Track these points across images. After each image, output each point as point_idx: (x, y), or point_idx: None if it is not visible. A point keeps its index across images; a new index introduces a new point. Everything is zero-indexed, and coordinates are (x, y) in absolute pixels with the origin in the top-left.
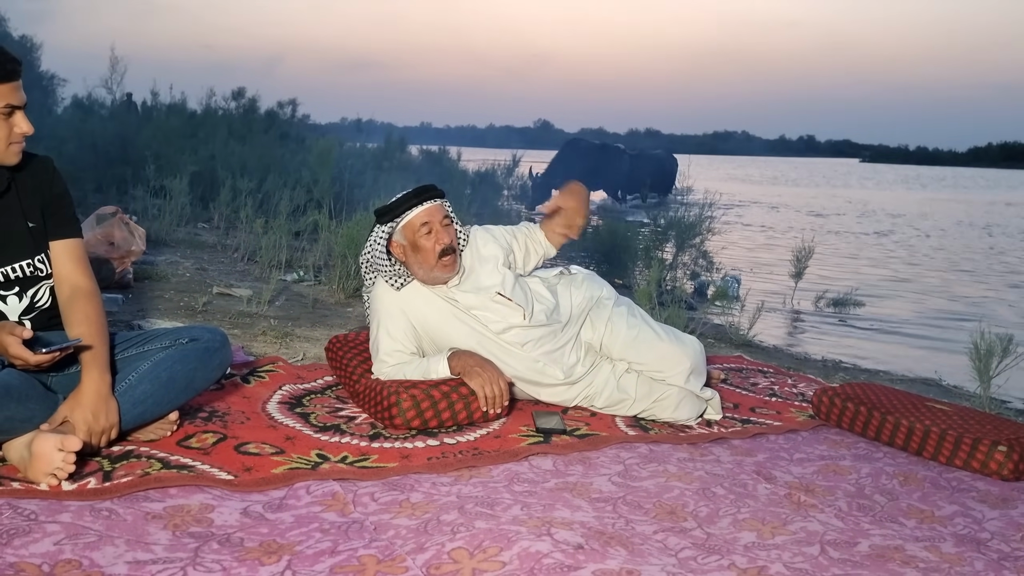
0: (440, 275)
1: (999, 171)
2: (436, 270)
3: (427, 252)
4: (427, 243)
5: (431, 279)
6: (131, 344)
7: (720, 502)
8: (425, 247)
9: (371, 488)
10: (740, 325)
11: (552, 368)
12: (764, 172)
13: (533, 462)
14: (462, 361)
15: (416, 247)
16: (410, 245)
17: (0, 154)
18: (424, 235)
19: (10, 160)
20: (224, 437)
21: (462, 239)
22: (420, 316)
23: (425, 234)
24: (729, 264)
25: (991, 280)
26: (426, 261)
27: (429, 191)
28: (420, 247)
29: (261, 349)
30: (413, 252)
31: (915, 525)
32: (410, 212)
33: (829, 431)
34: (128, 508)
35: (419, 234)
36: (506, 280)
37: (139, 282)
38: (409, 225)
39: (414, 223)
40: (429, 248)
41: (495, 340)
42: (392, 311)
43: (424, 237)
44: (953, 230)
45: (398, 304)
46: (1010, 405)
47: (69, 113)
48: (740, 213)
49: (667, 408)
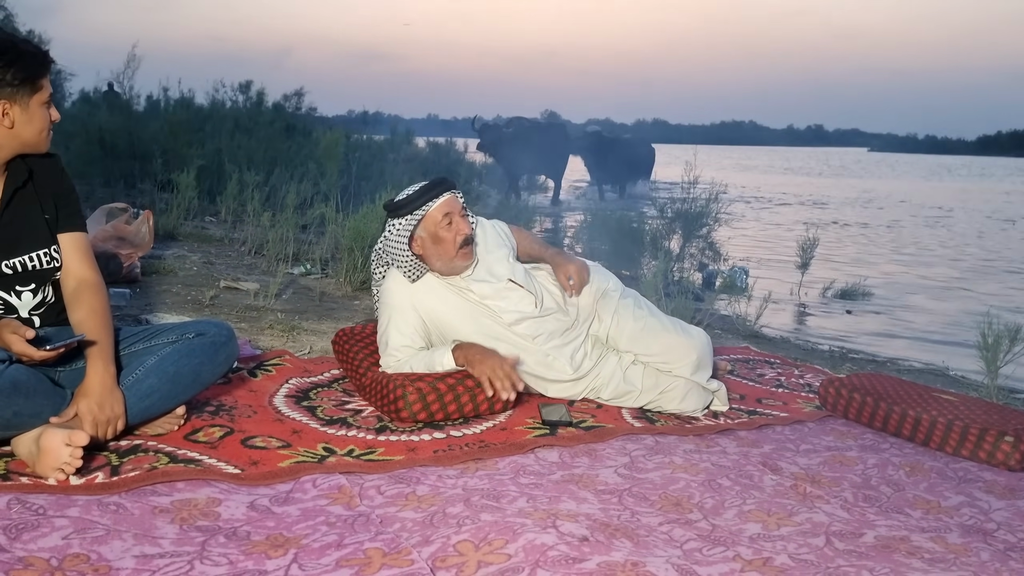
0: (460, 264)
1: (1009, 159)
2: (456, 260)
3: (447, 243)
4: (447, 234)
5: (450, 269)
6: (138, 339)
7: (726, 493)
8: (446, 238)
9: (377, 481)
10: (747, 316)
11: (561, 363)
12: (775, 161)
13: (539, 454)
14: (466, 352)
15: (437, 239)
16: (430, 237)
17: (40, 142)
18: (445, 227)
19: (44, 147)
20: (231, 431)
21: (476, 229)
22: (430, 310)
23: (446, 225)
24: (739, 254)
25: (1002, 277)
26: (446, 252)
27: (444, 183)
28: (441, 239)
29: (268, 343)
30: (433, 244)
31: (921, 516)
32: (431, 204)
33: (836, 422)
34: (136, 502)
35: (440, 226)
36: (516, 269)
37: (147, 276)
38: (430, 218)
39: (435, 215)
40: (450, 239)
41: (507, 332)
42: (403, 306)
43: (445, 229)
44: (969, 220)
45: (409, 299)
46: (1018, 395)
47: (77, 107)
48: (751, 203)
49: (673, 399)
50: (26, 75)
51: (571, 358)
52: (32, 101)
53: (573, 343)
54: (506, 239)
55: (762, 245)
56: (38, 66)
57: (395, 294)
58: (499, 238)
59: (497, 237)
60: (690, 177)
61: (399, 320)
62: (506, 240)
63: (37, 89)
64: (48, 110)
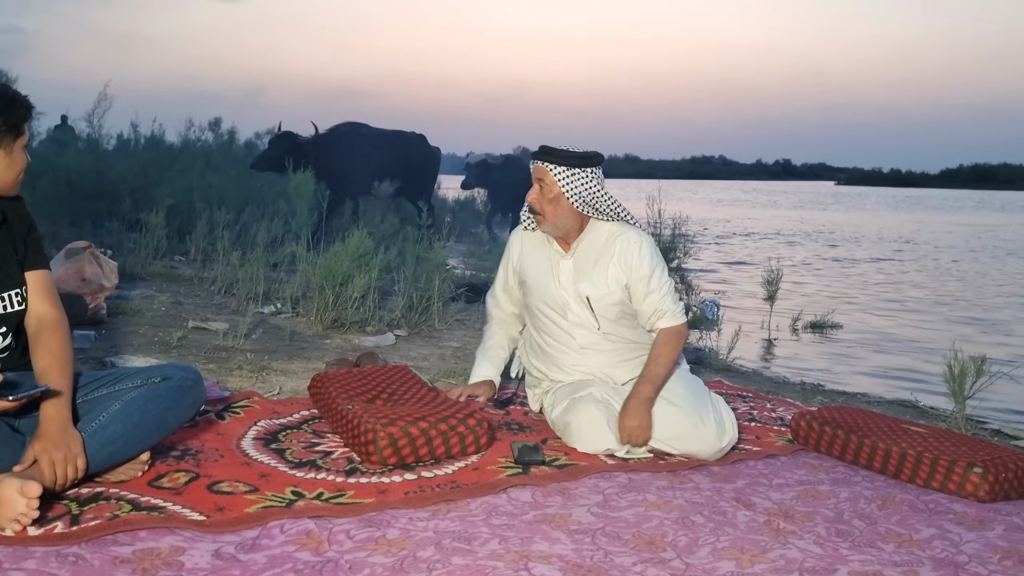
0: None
1: (971, 192)
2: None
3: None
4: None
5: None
6: (101, 384)
7: (699, 531)
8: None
9: (347, 525)
10: (719, 349)
11: (571, 365)
12: (747, 195)
13: (512, 494)
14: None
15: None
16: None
17: (15, 185)
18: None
19: (14, 191)
20: (197, 476)
21: (574, 203)
22: (522, 258)
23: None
24: (711, 288)
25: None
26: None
27: (539, 150)
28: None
29: (237, 384)
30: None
31: (893, 549)
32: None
33: (808, 455)
34: (96, 552)
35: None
36: (609, 296)
37: (113, 317)
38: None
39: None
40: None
41: (562, 321)
42: (510, 252)
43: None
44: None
45: (517, 246)
46: (985, 425)
47: (44, 147)
48: (726, 235)
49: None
50: (14, 121)
51: (573, 368)
52: (16, 146)
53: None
54: (626, 264)
55: (733, 277)
56: (24, 111)
57: (511, 239)
58: (621, 255)
59: (622, 253)
60: (655, 211)
61: (504, 263)
62: (625, 264)
63: (20, 134)
64: (23, 154)
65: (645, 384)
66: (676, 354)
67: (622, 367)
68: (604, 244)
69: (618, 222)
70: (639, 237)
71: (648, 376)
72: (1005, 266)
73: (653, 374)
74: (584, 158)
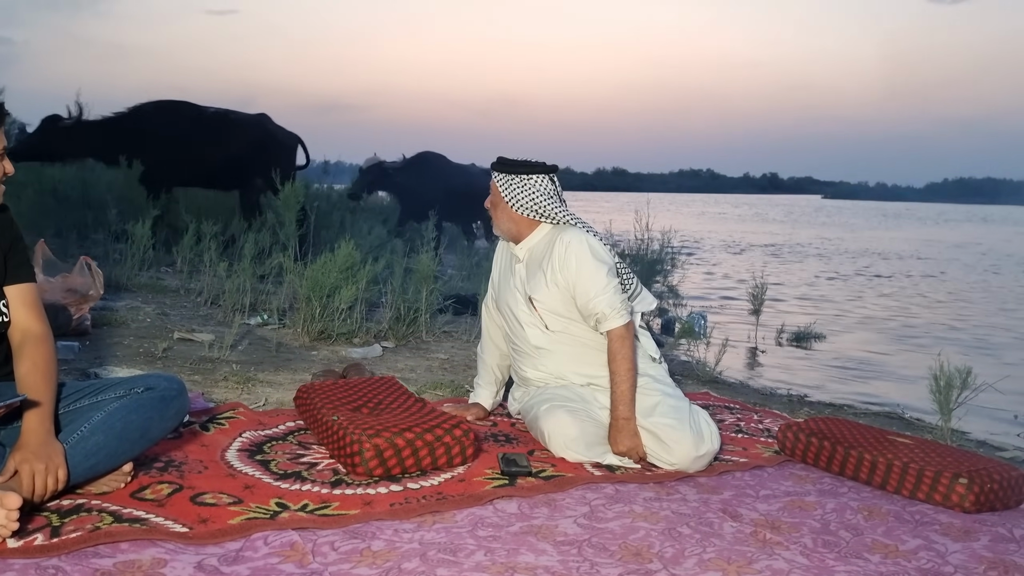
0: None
1: (956, 205)
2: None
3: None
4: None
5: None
6: (84, 394)
7: (686, 542)
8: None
9: (331, 537)
10: (707, 361)
11: (525, 367)
12: (737, 209)
13: (498, 505)
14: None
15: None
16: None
17: None
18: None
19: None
20: (180, 487)
21: (518, 210)
22: (499, 265)
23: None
24: (697, 300)
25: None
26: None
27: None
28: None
29: (222, 395)
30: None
31: (880, 560)
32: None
33: (795, 466)
34: (76, 565)
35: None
36: (550, 298)
37: (97, 328)
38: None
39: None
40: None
41: (515, 323)
42: (495, 260)
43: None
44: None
45: (498, 253)
46: (970, 436)
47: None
48: (713, 248)
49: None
50: None
51: (535, 368)
52: None
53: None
54: (561, 266)
55: (720, 290)
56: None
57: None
58: (557, 257)
59: (557, 256)
60: (642, 225)
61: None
62: (561, 266)
63: None
64: (4, 162)
65: (616, 407)
66: (629, 362)
67: (577, 368)
68: (544, 248)
69: (560, 226)
70: (573, 238)
71: (615, 399)
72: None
73: (619, 393)
74: (527, 166)
